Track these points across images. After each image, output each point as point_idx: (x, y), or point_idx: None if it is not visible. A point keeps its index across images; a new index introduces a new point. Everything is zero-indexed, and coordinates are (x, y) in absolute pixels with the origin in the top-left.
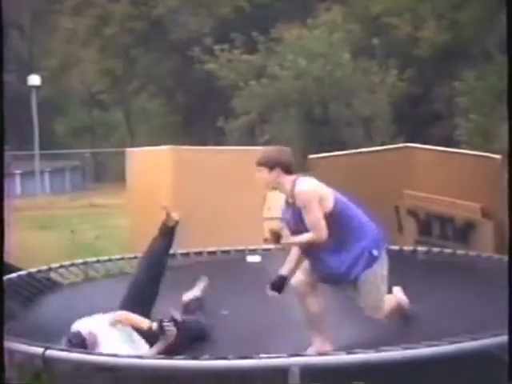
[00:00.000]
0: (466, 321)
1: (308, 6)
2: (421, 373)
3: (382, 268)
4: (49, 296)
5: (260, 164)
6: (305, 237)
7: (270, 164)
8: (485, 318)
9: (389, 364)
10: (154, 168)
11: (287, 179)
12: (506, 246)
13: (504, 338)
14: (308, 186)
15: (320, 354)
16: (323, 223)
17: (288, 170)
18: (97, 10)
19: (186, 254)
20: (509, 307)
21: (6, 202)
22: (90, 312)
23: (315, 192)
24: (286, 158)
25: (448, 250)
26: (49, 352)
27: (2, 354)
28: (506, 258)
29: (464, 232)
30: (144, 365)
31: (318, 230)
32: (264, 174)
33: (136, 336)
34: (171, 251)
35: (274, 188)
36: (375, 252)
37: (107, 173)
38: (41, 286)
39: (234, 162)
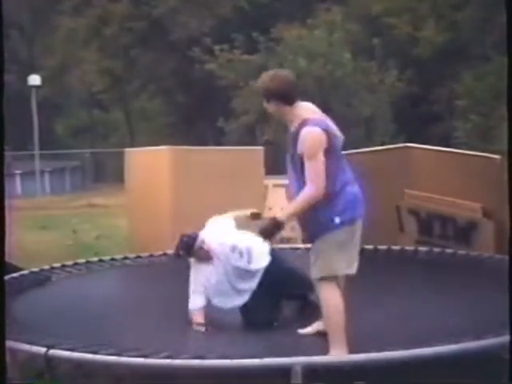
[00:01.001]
0: (467, 321)
1: (308, 6)
2: (422, 372)
3: (340, 235)
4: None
5: (261, 92)
6: (300, 197)
7: (265, 94)
8: (486, 318)
9: (391, 364)
10: (153, 168)
11: (295, 113)
12: (507, 246)
13: (505, 338)
14: (317, 131)
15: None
16: (323, 174)
17: (286, 99)
18: (97, 10)
19: None
20: (510, 307)
21: (7, 202)
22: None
23: (321, 138)
24: (281, 87)
25: (449, 250)
26: (51, 352)
27: (3, 354)
28: (506, 257)
29: (465, 232)
30: (145, 364)
31: (315, 183)
32: (265, 104)
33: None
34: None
35: (279, 119)
36: (337, 220)
37: (107, 173)
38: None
39: (234, 162)
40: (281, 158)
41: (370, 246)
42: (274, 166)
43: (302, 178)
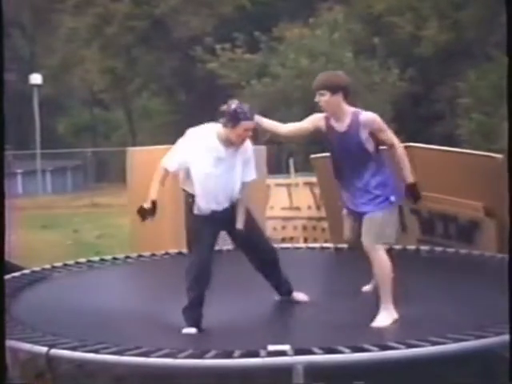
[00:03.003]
0: (468, 320)
1: (310, 5)
2: (423, 371)
3: (391, 214)
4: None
5: (323, 88)
6: (403, 162)
7: (332, 88)
8: (487, 317)
9: (393, 363)
10: (155, 167)
11: (346, 107)
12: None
13: (506, 338)
14: (373, 114)
15: (324, 352)
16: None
17: (347, 95)
18: (98, 8)
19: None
20: (510, 306)
21: (8, 202)
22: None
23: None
24: (347, 83)
25: (451, 249)
26: (52, 351)
27: (3, 354)
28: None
29: (467, 231)
30: (147, 364)
31: (397, 141)
32: (326, 97)
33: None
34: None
35: (332, 113)
36: (393, 198)
37: (109, 172)
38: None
39: None
40: (282, 158)
41: None
42: (275, 166)
43: (363, 163)
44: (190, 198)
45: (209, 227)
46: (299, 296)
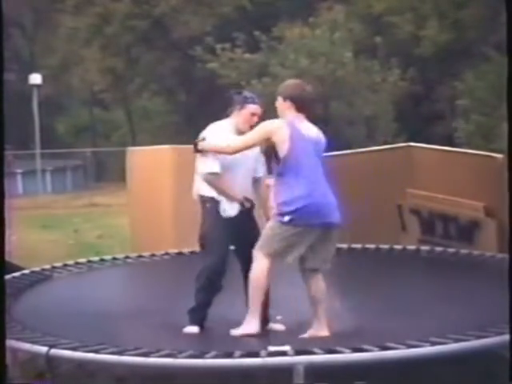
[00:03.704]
0: (468, 320)
1: (310, 5)
2: (423, 371)
3: (279, 232)
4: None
5: (279, 93)
6: (225, 144)
7: (283, 95)
8: (487, 317)
9: (393, 363)
10: (155, 167)
11: (291, 116)
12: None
13: (505, 338)
14: (272, 121)
15: (325, 352)
16: (246, 143)
17: (299, 107)
18: (98, 8)
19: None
20: (510, 306)
21: (8, 201)
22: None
23: (270, 126)
24: (300, 95)
25: (451, 249)
26: (53, 351)
27: (3, 354)
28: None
29: (467, 231)
30: (147, 364)
31: (242, 143)
32: (278, 102)
33: None
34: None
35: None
36: (285, 218)
37: (109, 172)
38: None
39: None
40: None
41: (372, 245)
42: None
43: (282, 177)
44: (208, 203)
45: (227, 230)
46: (276, 326)
